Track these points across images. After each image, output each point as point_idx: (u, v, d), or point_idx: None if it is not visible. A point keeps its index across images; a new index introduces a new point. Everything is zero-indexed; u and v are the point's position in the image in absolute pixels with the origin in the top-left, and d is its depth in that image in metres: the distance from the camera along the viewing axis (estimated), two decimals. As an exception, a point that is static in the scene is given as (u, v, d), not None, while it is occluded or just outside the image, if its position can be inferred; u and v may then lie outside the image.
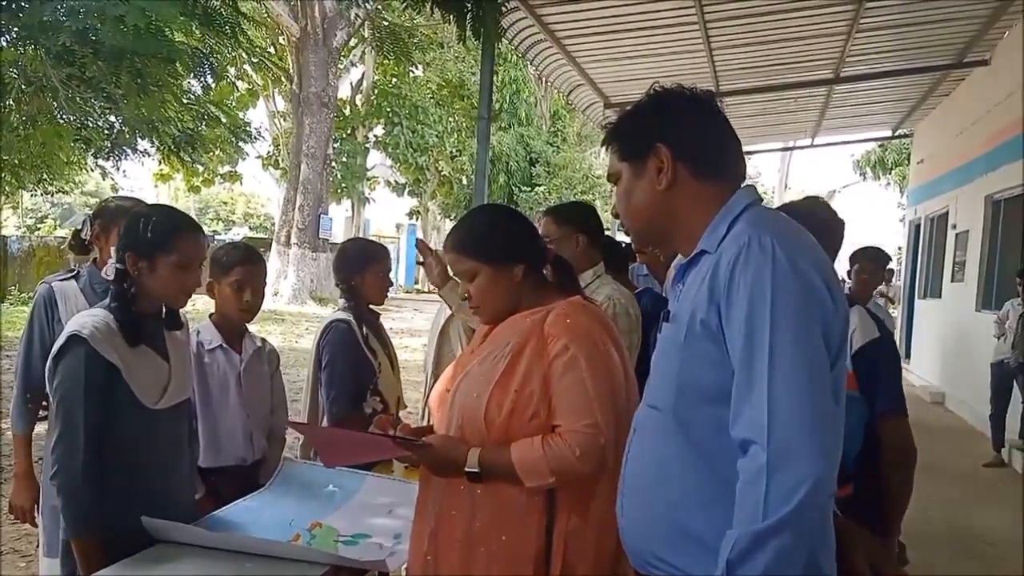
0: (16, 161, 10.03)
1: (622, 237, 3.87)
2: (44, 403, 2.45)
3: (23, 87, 8.08)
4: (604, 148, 1.58)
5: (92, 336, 1.94)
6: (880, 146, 23.55)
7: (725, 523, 1.25)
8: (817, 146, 13.91)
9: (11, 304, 15.55)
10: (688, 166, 1.45)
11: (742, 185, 1.48)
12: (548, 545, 1.81)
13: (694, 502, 1.36)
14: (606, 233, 3.18)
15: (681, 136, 1.45)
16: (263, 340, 2.79)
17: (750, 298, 1.27)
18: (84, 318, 2.01)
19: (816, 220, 2.63)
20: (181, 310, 2.22)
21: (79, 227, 2.65)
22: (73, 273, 2.61)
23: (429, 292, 26.50)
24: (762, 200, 1.47)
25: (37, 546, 2.55)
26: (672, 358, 1.40)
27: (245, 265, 2.55)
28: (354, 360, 2.85)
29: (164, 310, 2.16)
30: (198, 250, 2.10)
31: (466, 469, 1.81)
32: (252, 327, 2.79)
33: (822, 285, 1.29)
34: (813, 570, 1.27)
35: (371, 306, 3.05)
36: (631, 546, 1.49)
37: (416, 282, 29.36)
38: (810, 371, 1.24)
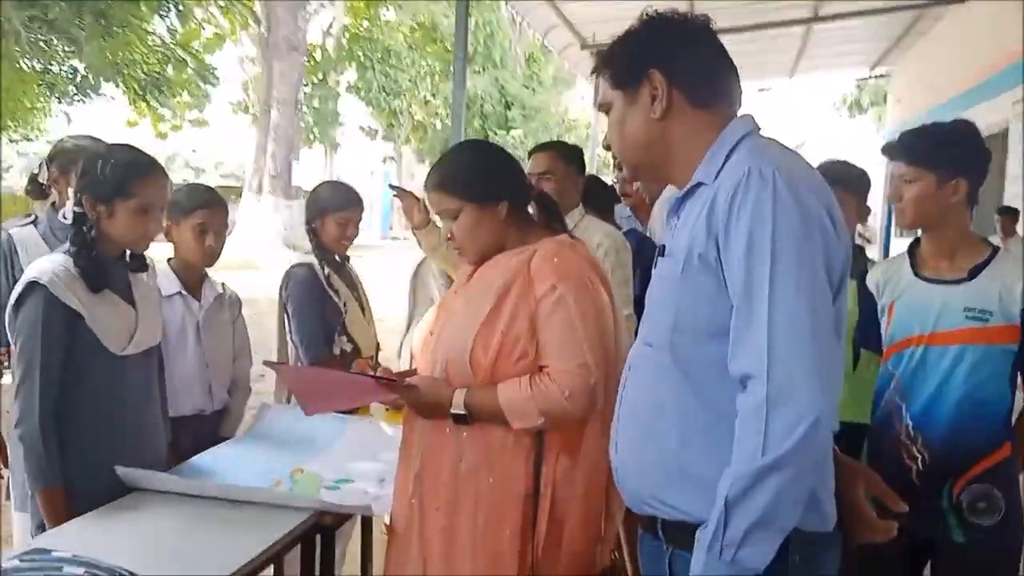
0: (-22, 107, 9.78)
1: (607, 179, 3.87)
2: (7, 353, 2.36)
3: (-17, 30, 7.83)
4: (595, 75, 1.52)
5: (51, 282, 1.89)
6: (857, 86, 23.57)
7: (724, 461, 1.23)
8: (795, 85, 13.90)
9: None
10: (684, 93, 1.39)
11: (738, 114, 1.43)
12: (536, 487, 1.79)
13: (691, 440, 1.34)
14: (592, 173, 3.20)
15: (676, 61, 1.39)
16: (223, 286, 2.69)
17: (750, 229, 1.23)
18: (43, 263, 1.94)
19: (851, 175, 2.65)
20: (146, 252, 2.15)
21: (35, 171, 2.57)
22: (32, 219, 2.52)
23: (405, 240, 26.39)
24: (760, 129, 1.42)
25: (8, 497, 2.46)
26: (668, 294, 1.37)
27: (208, 208, 2.43)
28: (318, 302, 2.79)
29: (128, 253, 2.09)
30: (160, 193, 2.03)
31: (452, 410, 1.79)
32: (224, 275, 2.70)
33: (825, 215, 1.25)
34: (814, 508, 1.28)
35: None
36: (626, 487, 1.47)
37: (391, 228, 29.19)
38: (812, 304, 1.21)
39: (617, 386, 1.77)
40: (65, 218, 2.01)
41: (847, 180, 2.60)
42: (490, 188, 1.89)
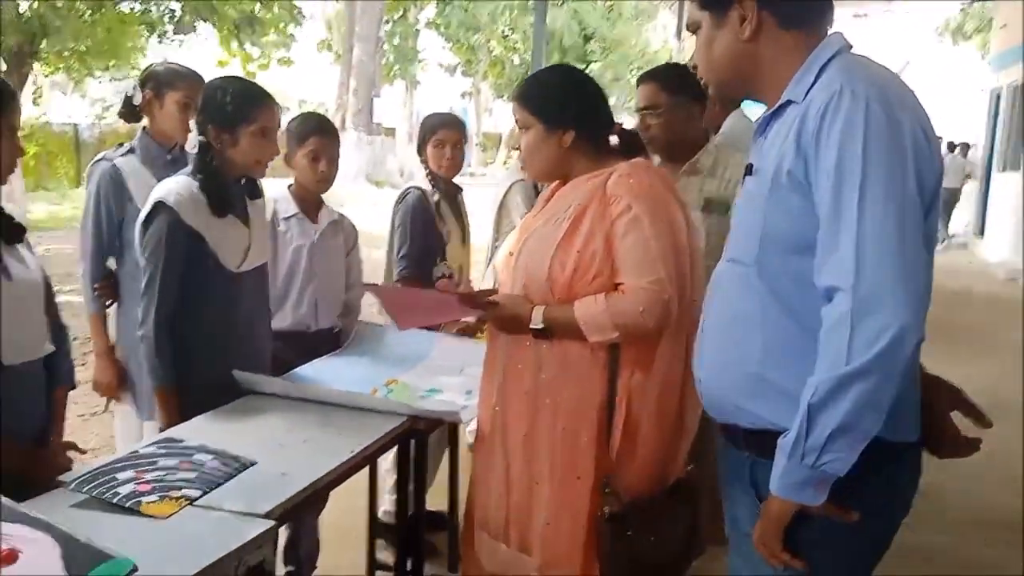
0: (83, 48, 10.24)
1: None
2: (105, 286, 2.55)
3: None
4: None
5: (177, 203, 2.05)
6: (961, 11, 22.20)
7: (807, 372, 1.25)
8: (893, 11, 13.21)
9: (85, 189, 16.13)
10: (773, 14, 1.38)
11: (830, 32, 1.41)
12: (612, 399, 1.88)
13: (776, 352, 1.35)
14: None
15: None
16: (341, 215, 2.83)
17: (840, 145, 1.23)
18: (169, 185, 2.10)
19: None
20: (259, 180, 2.31)
21: (129, 93, 2.62)
22: (129, 148, 2.58)
23: (483, 175, 26.49)
24: (851, 47, 1.39)
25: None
26: (755, 211, 1.37)
27: (319, 135, 2.57)
28: (423, 226, 2.97)
29: (244, 179, 2.25)
30: (275, 118, 2.18)
31: (531, 325, 1.88)
32: None
33: (919, 132, 1.25)
34: (897, 418, 1.28)
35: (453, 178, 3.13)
36: (710, 397, 1.50)
37: (469, 164, 29.30)
38: (901, 217, 1.20)
39: (691, 302, 1.85)
40: (192, 148, 2.12)
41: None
42: (559, 114, 1.94)
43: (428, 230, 3.00)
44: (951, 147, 14.97)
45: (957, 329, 6.97)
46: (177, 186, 2.09)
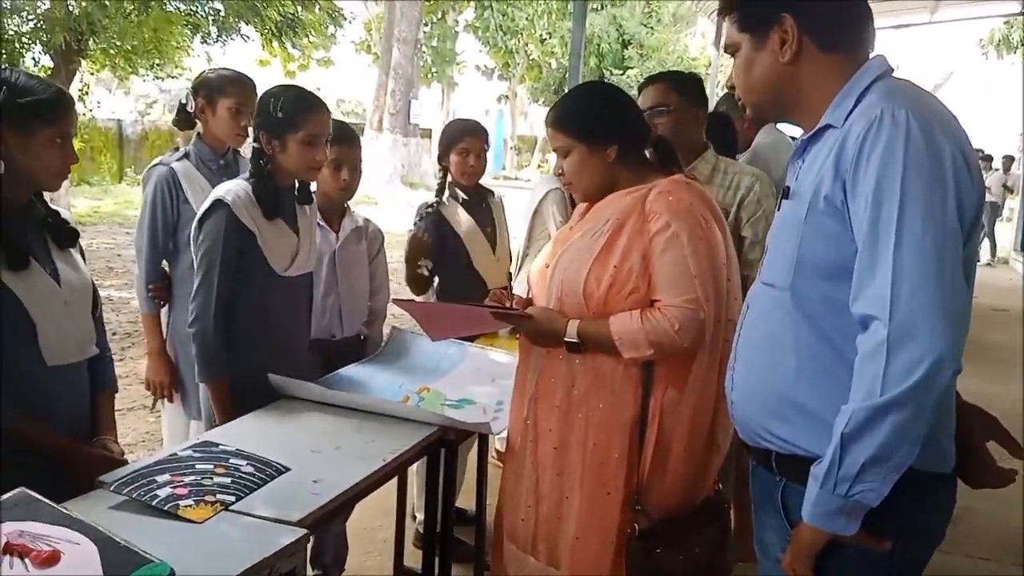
0: (129, 47, 10.47)
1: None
2: (160, 288, 2.61)
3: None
4: (721, 16, 1.51)
5: (234, 203, 2.13)
6: (1006, 22, 21.77)
7: (839, 399, 1.24)
8: (936, 23, 12.99)
9: (127, 184, 16.47)
10: (814, 38, 1.37)
11: (871, 56, 1.40)
12: (644, 415, 1.88)
13: (808, 377, 1.35)
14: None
15: (807, 7, 1.37)
16: (366, 220, 2.83)
17: (879, 171, 1.22)
18: (228, 185, 2.19)
19: None
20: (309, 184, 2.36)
21: (183, 100, 2.68)
22: (184, 152, 2.63)
23: (516, 179, 26.53)
24: (893, 71, 1.38)
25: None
26: (791, 235, 1.36)
27: (340, 144, 2.53)
28: (438, 241, 2.95)
29: (296, 185, 2.31)
30: (322, 126, 2.21)
31: (565, 339, 1.88)
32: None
33: (960, 159, 1.23)
34: (932, 448, 1.27)
35: (478, 184, 3.09)
36: (741, 419, 1.50)
37: (503, 168, 29.37)
38: (939, 246, 1.19)
39: (727, 322, 1.85)
40: (247, 154, 2.21)
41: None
42: (600, 131, 1.95)
43: (445, 246, 2.97)
44: (987, 159, 14.63)
45: (996, 348, 6.85)
46: (235, 187, 2.18)
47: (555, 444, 1.96)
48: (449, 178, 3.06)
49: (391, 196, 18.32)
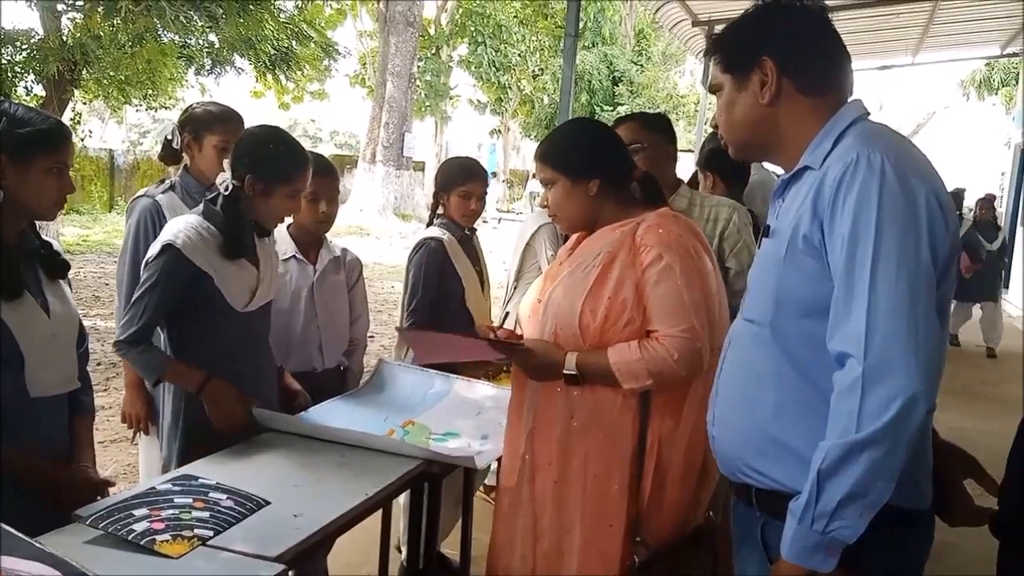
0: (123, 77, 10.53)
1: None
2: None
3: (131, 7, 8.38)
4: (707, 57, 1.59)
5: (184, 245, 2.04)
6: (987, 65, 22.16)
7: (818, 435, 1.25)
8: (918, 64, 13.22)
9: (117, 214, 16.46)
10: (793, 81, 1.41)
11: (849, 100, 1.43)
12: (642, 446, 1.89)
13: (788, 413, 1.36)
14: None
15: (788, 50, 1.41)
16: (344, 250, 2.79)
17: (855, 213, 1.24)
18: (179, 224, 2.09)
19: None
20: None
21: (169, 136, 2.64)
22: (169, 184, 2.60)
23: (508, 212, 26.64)
24: (870, 115, 1.42)
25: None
26: (771, 272, 1.39)
27: (318, 177, 2.45)
28: (436, 278, 2.88)
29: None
30: (307, 182, 2.23)
31: (564, 371, 1.89)
32: (337, 240, 2.83)
33: (933, 202, 1.26)
34: (909, 485, 1.29)
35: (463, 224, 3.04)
36: (722, 455, 1.51)
37: (496, 201, 29.52)
38: (912, 286, 1.21)
39: (719, 351, 1.88)
40: (223, 187, 2.14)
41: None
42: (583, 165, 1.98)
43: (443, 282, 2.92)
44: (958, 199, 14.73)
45: (983, 385, 6.87)
46: (186, 227, 2.09)
47: (555, 478, 1.95)
48: (441, 214, 3.02)
49: (384, 227, 18.38)
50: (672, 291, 1.84)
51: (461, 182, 2.97)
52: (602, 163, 2.00)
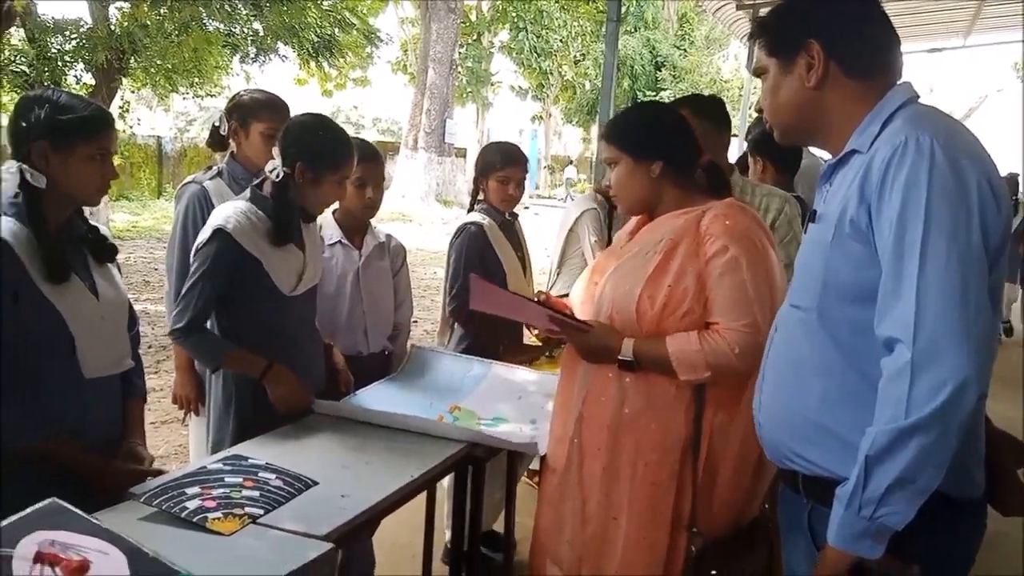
0: (170, 66, 10.72)
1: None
2: None
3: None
4: (751, 41, 1.56)
5: (235, 230, 2.07)
6: (1045, 46, 21.43)
7: (865, 421, 1.24)
8: (969, 46, 12.83)
9: (166, 200, 16.80)
10: (840, 64, 1.39)
11: (898, 83, 1.41)
12: (694, 437, 1.86)
13: (835, 399, 1.35)
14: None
15: (834, 33, 1.39)
16: (388, 236, 2.83)
17: (904, 196, 1.23)
18: (228, 210, 2.12)
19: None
20: None
21: (216, 123, 2.69)
22: (216, 171, 2.63)
23: (550, 198, 26.57)
24: (919, 97, 1.39)
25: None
26: (818, 258, 1.38)
27: (365, 163, 2.50)
28: (478, 262, 2.89)
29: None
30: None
31: (620, 357, 1.87)
32: (380, 226, 2.85)
33: (985, 185, 1.23)
34: (960, 473, 1.27)
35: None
36: (768, 441, 1.51)
37: (537, 187, 29.46)
38: (964, 269, 1.19)
39: None
40: (273, 175, 2.17)
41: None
42: (646, 146, 1.96)
43: (484, 266, 2.92)
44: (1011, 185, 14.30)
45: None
46: (235, 212, 2.12)
47: (603, 464, 1.94)
48: (482, 199, 3.04)
49: (425, 214, 18.46)
50: (737, 284, 1.81)
51: (499, 167, 2.97)
52: (666, 146, 1.97)
